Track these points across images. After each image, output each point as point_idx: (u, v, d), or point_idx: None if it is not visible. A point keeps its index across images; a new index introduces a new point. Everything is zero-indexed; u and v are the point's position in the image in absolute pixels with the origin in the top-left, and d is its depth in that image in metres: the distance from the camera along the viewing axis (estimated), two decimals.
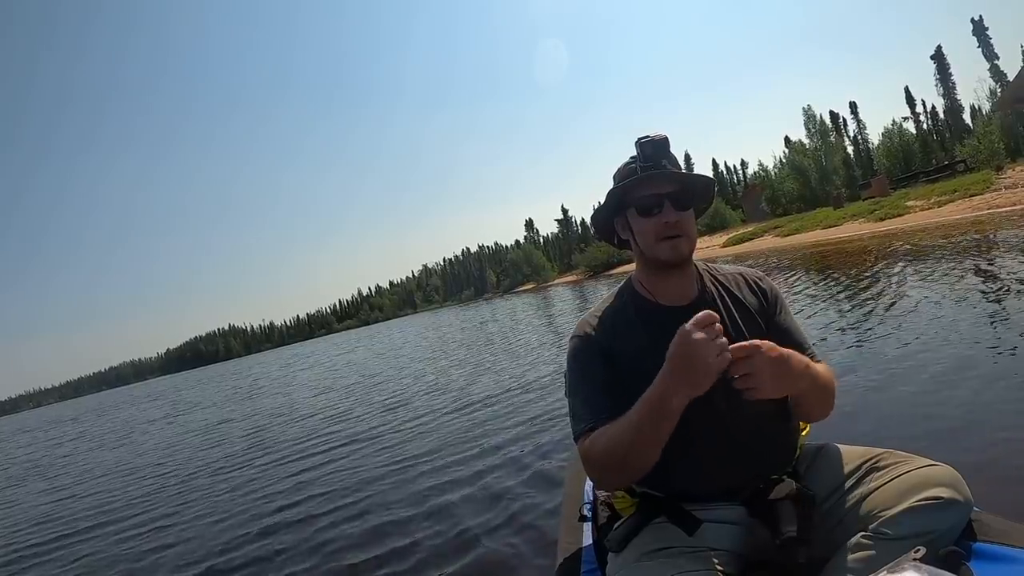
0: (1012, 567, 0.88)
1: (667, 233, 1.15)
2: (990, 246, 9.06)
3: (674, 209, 1.15)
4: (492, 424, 4.88)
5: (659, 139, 1.16)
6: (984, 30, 38.29)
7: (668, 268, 1.19)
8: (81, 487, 6.81)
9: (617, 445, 1.04)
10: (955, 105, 40.59)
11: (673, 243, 1.15)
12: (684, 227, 1.16)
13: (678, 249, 1.15)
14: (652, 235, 1.16)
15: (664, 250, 1.16)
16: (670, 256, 1.16)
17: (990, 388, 2.98)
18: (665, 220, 1.14)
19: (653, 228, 1.16)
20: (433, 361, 12.09)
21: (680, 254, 1.16)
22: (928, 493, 0.93)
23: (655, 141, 1.16)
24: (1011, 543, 0.92)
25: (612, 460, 1.06)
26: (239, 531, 3.63)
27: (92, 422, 21.08)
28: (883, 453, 1.07)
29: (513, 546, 2.57)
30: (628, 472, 1.08)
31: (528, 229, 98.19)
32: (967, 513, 0.96)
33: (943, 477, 0.96)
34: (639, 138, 1.17)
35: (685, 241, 1.16)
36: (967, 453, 2.32)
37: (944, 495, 0.93)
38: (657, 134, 1.16)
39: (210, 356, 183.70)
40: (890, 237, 14.94)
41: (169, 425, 12.43)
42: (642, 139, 1.17)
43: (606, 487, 1.25)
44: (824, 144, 43.38)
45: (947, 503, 0.93)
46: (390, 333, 35.61)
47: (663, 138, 1.17)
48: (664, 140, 1.16)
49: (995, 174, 19.26)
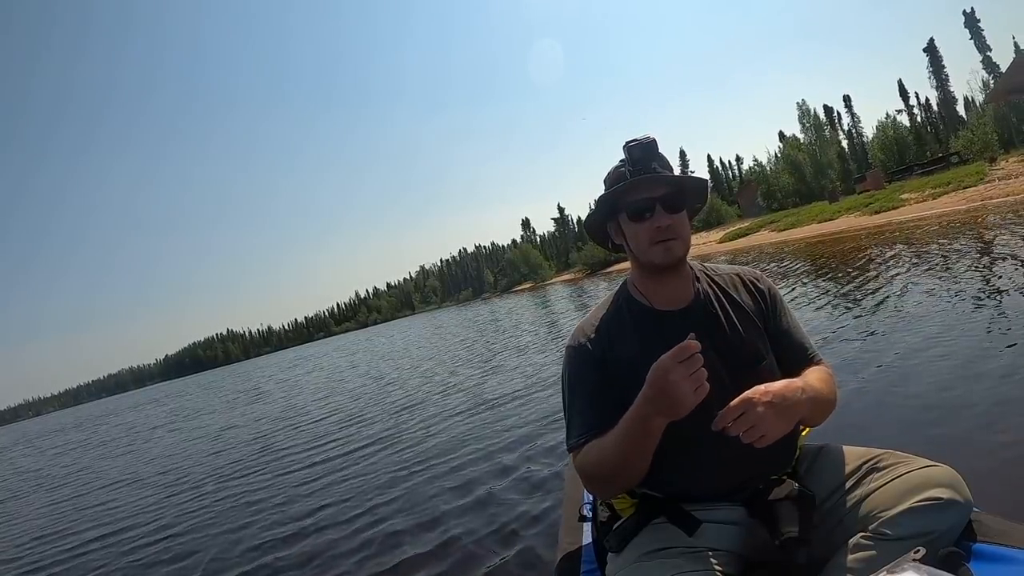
0: (1012, 567, 0.87)
1: (660, 237, 1.14)
2: (984, 237, 9.09)
3: (666, 212, 1.14)
4: (492, 425, 4.89)
5: (647, 142, 1.15)
6: (976, 22, 38.45)
7: (662, 271, 1.18)
8: (95, 496, 6.74)
9: (604, 460, 1.08)
10: (948, 97, 40.72)
11: (666, 246, 1.15)
12: (677, 230, 1.15)
13: (671, 252, 1.15)
14: (645, 239, 1.16)
15: (657, 254, 1.15)
16: (664, 260, 1.15)
17: (989, 387, 2.97)
18: (657, 224, 1.14)
19: (646, 232, 1.15)
20: (438, 361, 12.08)
21: (674, 257, 1.16)
22: (928, 494, 0.93)
23: (643, 144, 1.15)
24: (1011, 543, 0.91)
25: (601, 473, 1.10)
26: (247, 540, 3.61)
27: (107, 430, 21.02)
28: (883, 453, 1.06)
29: (513, 546, 2.57)
30: (618, 484, 1.11)
31: (525, 228, 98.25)
32: (967, 514, 0.96)
33: (943, 478, 0.95)
34: (627, 142, 1.16)
35: (678, 244, 1.16)
36: (967, 453, 2.31)
37: (944, 496, 0.92)
38: (644, 136, 1.16)
39: (209, 361, 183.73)
40: (885, 230, 15.02)
41: (175, 432, 12.40)
42: (630, 143, 1.16)
43: (601, 497, 1.27)
44: (819, 138, 43.49)
45: (947, 504, 0.92)
46: (390, 334, 35.57)
47: (651, 140, 1.16)
48: (652, 142, 1.15)
49: (988, 166, 19.35)
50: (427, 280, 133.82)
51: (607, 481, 1.11)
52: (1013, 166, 17.95)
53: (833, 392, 1.15)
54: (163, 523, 4.52)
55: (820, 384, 1.11)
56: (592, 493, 1.26)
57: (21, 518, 6.58)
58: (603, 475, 1.09)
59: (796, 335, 1.24)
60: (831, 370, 1.24)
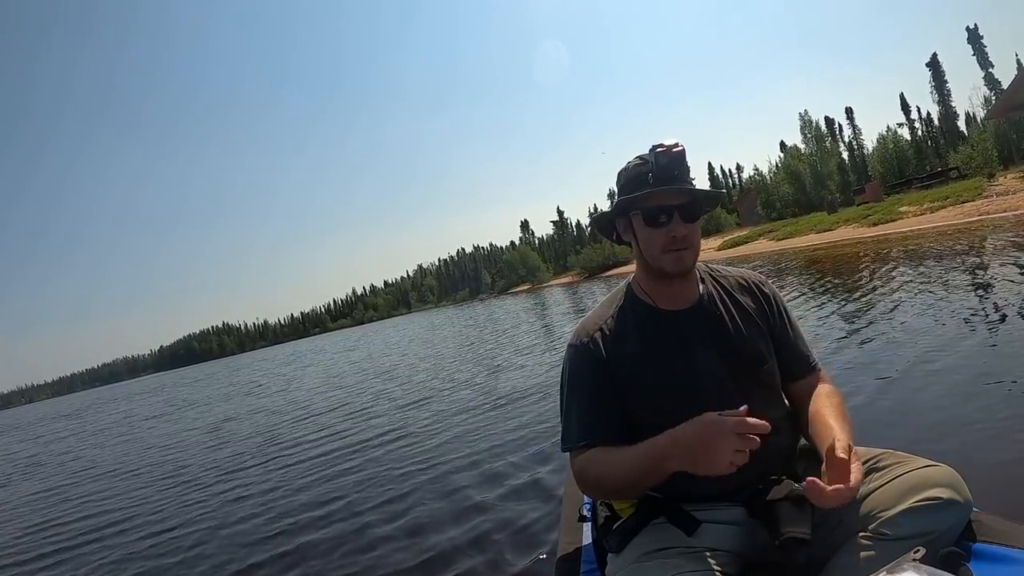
0: (1012, 567, 0.87)
1: (674, 247, 1.14)
2: (980, 251, 9.14)
3: (683, 222, 1.13)
4: (492, 426, 4.88)
5: (677, 151, 1.12)
6: (979, 38, 38.64)
7: (672, 277, 1.18)
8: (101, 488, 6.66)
9: (607, 478, 1.09)
10: (950, 112, 40.91)
11: (679, 255, 1.14)
12: (691, 239, 1.15)
13: (683, 261, 1.15)
14: (658, 246, 1.15)
15: (669, 262, 1.15)
16: (675, 268, 1.15)
17: (989, 387, 2.98)
18: (673, 233, 1.13)
19: (660, 239, 1.14)
20: (434, 360, 12.07)
21: (684, 266, 1.16)
22: (928, 494, 0.93)
23: (672, 153, 1.12)
24: (1011, 543, 0.91)
25: (601, 487, 1.14)
26: (230, 540, 3.60)
27: (101, 417, 20.89)
28: (883, 453, 1.07)
29: (512, 546, 2.57)
30: (616, 497, 1.16)
31: (524, 230, 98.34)
32: (967, 514, 0.96)
33: (943, 477, 0.95)
34: (654, 146, 1.14)
35: (690, 253, 1.15)
36: (967, 453, 2.32)
37: (944, 496, 0.93)
38: (675, 145, 1.13)
39: (204, 354, 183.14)
40: (882, 242, 15.09)
41: (171, 423, 12.35)
42: (658, 148, 1.13)
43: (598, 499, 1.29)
44: (820, 149, 43.62)
45: (947, 503, 0.92)
46: (384, 332, 35.49)
47: (681, 150, 1.13)
48: (681, 153, 1.13)
49: (987, 181, 19.44)
50: (424, 279, 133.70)
51: (605, 494, 1.17)
52: (1011, 182, 18.04)
53: (844, 410, 1.16)
54: (150, 513, 4.51)
55: (846, 423, 1.10)
56: (588, 496, 1.27)
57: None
58: (601, 490, 1.15)
59: (799, 342, 1.25)
60: (831, 380, 1.26)
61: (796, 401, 1.24)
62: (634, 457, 1.04)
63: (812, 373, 1.25)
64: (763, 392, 1.17)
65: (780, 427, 1.17)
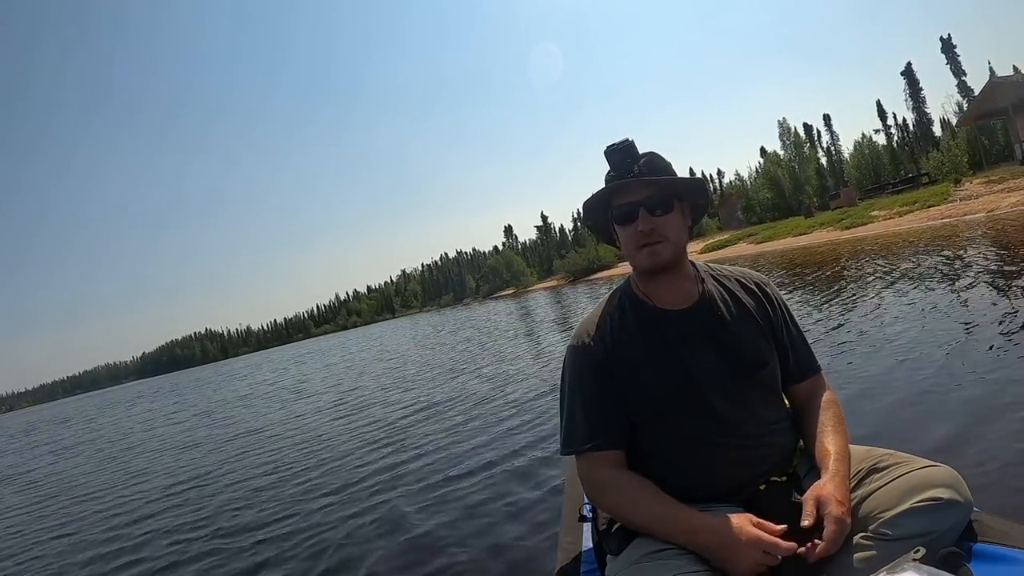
0: (1012, 568, 0.87)
1: (643, 241, 1.13)
2: (941, 251, 9.46)
3: (650, 215, 1.13)
4: (489, 427, 4.85)
5: (623, 145, 1.13)
6: (952, 48, 39.56)
7: (652, 274, 1.18)
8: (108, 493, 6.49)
9: (625, 511, 1.10)
10: (924, 119, 41.81)
11: (651, 250, 1.14)
12: (662, 232, 1.14)
13: (656, 256, 1.14)
14: (632, 244, 1.16)
15: (642, 258, 1.15)
16: (648, 263, 1.15)
17: (988, 387, 2.99)
18: (640, 228, 1.13)
19: (631, 237, 1.15)
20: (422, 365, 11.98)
21: (659, 260, 1.14)
22: (928, 494, 0.93)
23: (620, 148, 1.13)
24: (1011, 544, 0.92)
25: (613, 511, 1.14)
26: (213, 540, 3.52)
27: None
28: (883, 454, 1.07)
29: (512, 546, 2.55)
30: (623, 522, 1.13)
31: (507, 235, 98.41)
32: (967, 514, 0.96)
33: (943, 478, 0.95)
34: (606, 147, 1.15)
35: (665, 246, 1.14)
36: (967, 453, 2.29)
37: (944, 496, 0.93)
38: (623, 141, 1.14)
39: (186, 360, 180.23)
40: (853, 244, 15.68)
41: (150, 430, 12.07)
42: (609, 148, 1.14)
43: None
44: (798, 155, 44.46)
45: (947, 504, 0.93)
46: (369, 333, 35.15)
47: (628, 143, 1.13)
48: (628, 145, 1.13)
49: (953, 186, 19.91)
50: (408, 284, 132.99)
51: (614, 516, 1.14)
52: (976, 187, 18.49)
53: (843, 420, 1.17)
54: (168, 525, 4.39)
55: (842, 438, 1.13)
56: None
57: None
58: (615, 513, 1.13)
59: (800, 344, 1.25)
60: (830, 385, 1.26)
61: (797, 403, 1.24)
62: (662, 514, 1.05)
63: (813, 375, 1.25)
64: (763, 393, 1.18)
65: (780, 428, 1.17)
